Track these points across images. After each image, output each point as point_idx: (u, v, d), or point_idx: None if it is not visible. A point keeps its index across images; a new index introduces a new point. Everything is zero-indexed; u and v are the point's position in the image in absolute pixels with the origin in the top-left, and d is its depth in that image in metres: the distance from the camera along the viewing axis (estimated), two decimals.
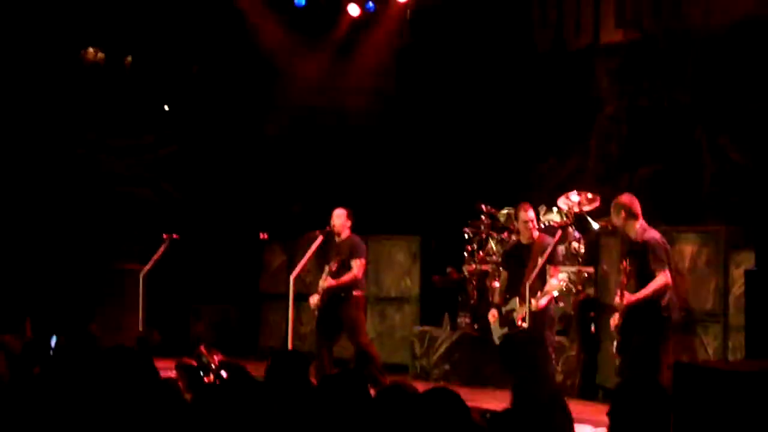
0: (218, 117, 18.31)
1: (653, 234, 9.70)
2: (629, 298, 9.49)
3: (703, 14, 14.22)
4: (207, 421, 4.83)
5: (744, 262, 10.55)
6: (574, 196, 13.06)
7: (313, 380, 9.53)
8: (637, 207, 9.79)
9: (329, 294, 11.81)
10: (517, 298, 10.70)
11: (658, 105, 15.10)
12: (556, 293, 10.79)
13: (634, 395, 4.90)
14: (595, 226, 12.75)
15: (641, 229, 9.69)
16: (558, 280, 10.71)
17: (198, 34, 17.61)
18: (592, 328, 12.13)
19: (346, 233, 11.93)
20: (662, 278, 9.48)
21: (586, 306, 11.97)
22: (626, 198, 9.90)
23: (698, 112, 14.52)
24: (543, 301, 10.48)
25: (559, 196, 13.29)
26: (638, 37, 15.21)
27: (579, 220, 12.92)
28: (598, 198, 13.05)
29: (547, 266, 10.56)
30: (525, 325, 10.49)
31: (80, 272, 15.49)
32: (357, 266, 11.79)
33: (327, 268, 11.98)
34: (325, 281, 11.84)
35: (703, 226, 11.62)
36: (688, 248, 11.13)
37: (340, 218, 11.92)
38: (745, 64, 13.74)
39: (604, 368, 11.68)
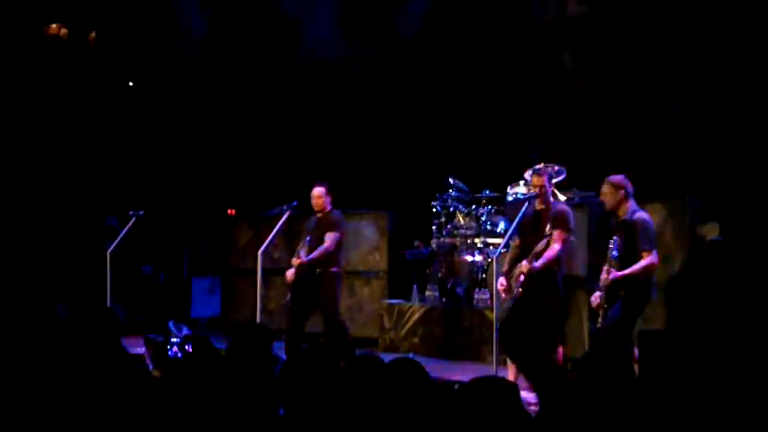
0: (184, 93, 18.27)
1: (643, 214, 9.73)
2: (615, 274, 9.48)
3: None
4: (173, 396, 4.82)
5: (710, 233, 10.62)
6: (541, 168, 13.04)
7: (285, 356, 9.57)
8: (630, 187, 9.81)
9: (305, 270, 11.76)
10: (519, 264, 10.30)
11: (626, 78, 15.15)
12: (551, 253, 10.09)
13: (600, 366, 4.93)
14: (562, 198, 12.75)
15: (632, 208, 9.72)
16: (559, 238, 10.17)
17: (162, 9, 17.56)
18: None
19: (326, 209, 11.91)
20: (649, 258, 9.52)
21: None
22: (621, 178, 9.85)
23: (666, 85, 14.57)
24: (537, 263, 10.09)
25: (525, 169, 13.29)
26: (604, 7, 15.26)
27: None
28: (565, 170, 13.06)
29: (553, 231, 10.17)
30: (519, 290, 10.13)
31: (46, 250, 15.41)
32: (330, 239, 11.72)
33: (302, 244, 11.94)
34: (298, 258, 11.78)
35: (670, 197, 11.65)
36: (654, 219, 11.18)
37: (319, 196, 11.88)
38: (707, 36, 13.79)
39: (572, 340, 11.73)
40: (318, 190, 11.89)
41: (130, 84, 18.35)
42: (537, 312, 10.23)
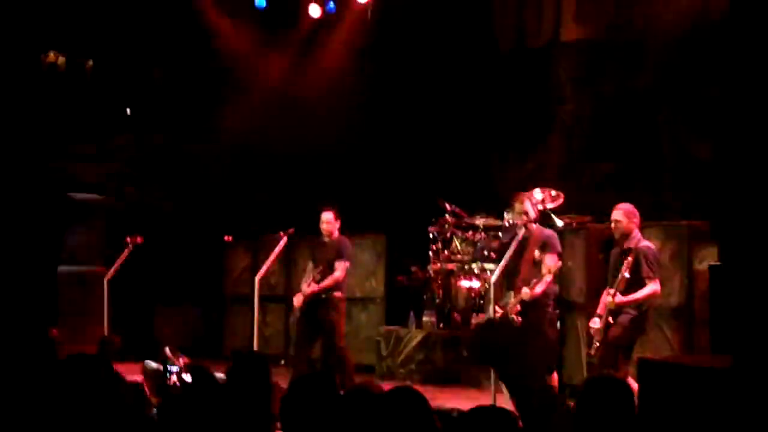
0: (179, 119, 18.30)
1: (648, 243, 9.80)
2: (620, 299, 9.47)
3: (662, 9, 14.32)
4: (171, 426, 4.80)
5: (708, 257, 10.59)
6: (537, 193, 13.02)
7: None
8: (638, 215, 9.88)
9: (311, 297, 11.68)
10: (512, 292, 10.39)
11: (620, 101, 15.16)
12: (549, 278, 10.30)
13: (600, 392, 4.92)
14: (559, 223, 12.73)
15: (637, 236, 9.76)
16: (554, 263, 10.33)
17: (159, 37, 17.57)
18: (557, 325, 12.11)
19: (335, 234, 11.84)
20: (653, 286, 9.55)
21: None
22: (632, 207, 9.89)
23: (659, 108, 14.58)
24: (538, 288, 10.19)
25: (522, 192, 13.27)
26: (598, 33, 15.29)
27: (543, 218, 12.90)
28: (562, 195, 13.06)
29: (543, 255, 10.33)
30: (519, 319, 10.21)
31: (42, 277, 15.34)
32: (340, 268, 11.68)
33: (310, 270, 11.89)
34: (309, 286, 11.67)
35: (666, 220, 11.65)
36: (652, 243, 11.16)
37: (329, 222, 11.81)
38: (705, 59, 13.81)
39: (570, 366, 11.69)
40: (328, 216, 11.81)
41: (128, 112, 18.40)
42: (534, 337, 10.26)
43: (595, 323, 9.68)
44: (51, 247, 16.11)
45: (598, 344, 9.63)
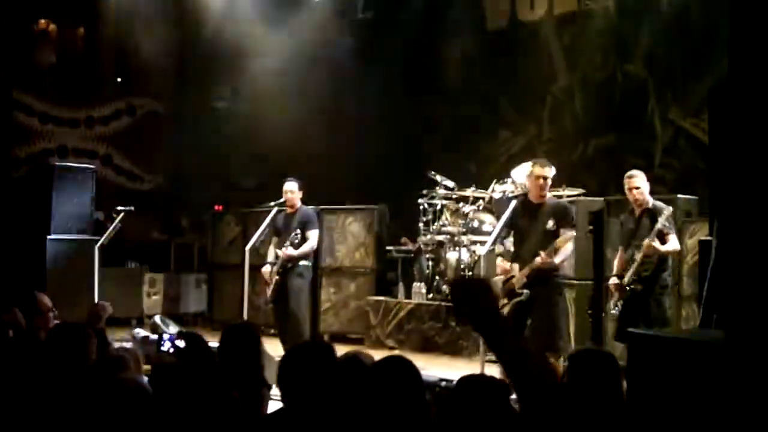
0: (170, 88, 18.29)
1: (661, 203, 9.86)
2: (657, 246, 9.50)
3: None
4: (164, 392, 4.81)
5: (698, 232, 10.64)
6: (528, 166, 13.00)
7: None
8: None
9: (286, 261, 11.71)
10: (517, 265, 9.75)
11: (611, 76, 15.18)
12: (569, 250, 9.81)
13: (589, 364, 4.94)
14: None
15: (651, 198, 9.85)
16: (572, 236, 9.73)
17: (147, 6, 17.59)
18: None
19: (297, 204, 11.93)
20: (675, 241, 9.73)
21: None
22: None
23: (651, 83, 14.61)
24: (558, 258, 9.55)
25: (513, 167, 13.30)
26: (592, 7, 15.31)
27: None
28: (553, 168, 13.06)
29: (563, 228, 9.62)
30: (525, 291, 9.50)
31: (32, 245, 15.30)
32: (314, 237, 11.82)
33: (275, 240, 11.95)
34: (284, 252, 11.65)
35: (657, 195, 11.68)
36: None
37: (293, 192, 11.88)
38: (697, 34, 13.84)
39: None
40: (292, 186, 11.88)
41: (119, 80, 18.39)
42: (546, 310, 9.84)
43: (614, 280, 9.74)
44: (40, 215, 16.08)
45: (621, 303, 9.66)
